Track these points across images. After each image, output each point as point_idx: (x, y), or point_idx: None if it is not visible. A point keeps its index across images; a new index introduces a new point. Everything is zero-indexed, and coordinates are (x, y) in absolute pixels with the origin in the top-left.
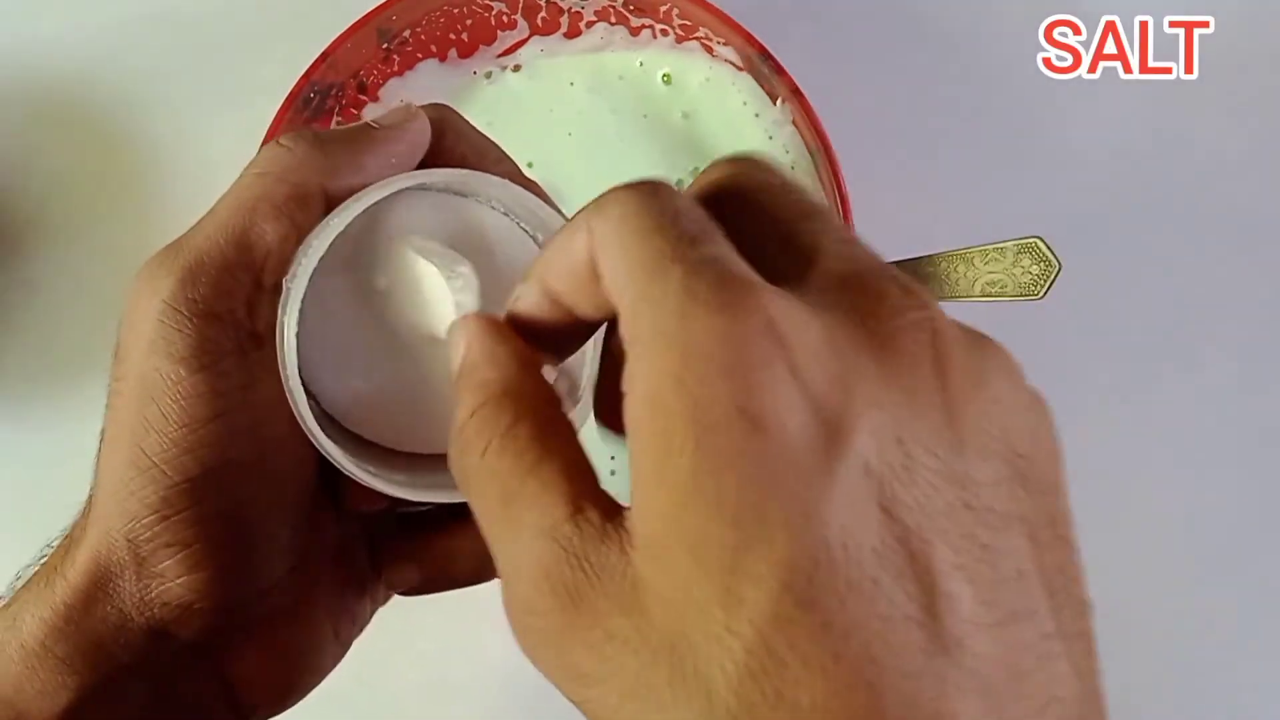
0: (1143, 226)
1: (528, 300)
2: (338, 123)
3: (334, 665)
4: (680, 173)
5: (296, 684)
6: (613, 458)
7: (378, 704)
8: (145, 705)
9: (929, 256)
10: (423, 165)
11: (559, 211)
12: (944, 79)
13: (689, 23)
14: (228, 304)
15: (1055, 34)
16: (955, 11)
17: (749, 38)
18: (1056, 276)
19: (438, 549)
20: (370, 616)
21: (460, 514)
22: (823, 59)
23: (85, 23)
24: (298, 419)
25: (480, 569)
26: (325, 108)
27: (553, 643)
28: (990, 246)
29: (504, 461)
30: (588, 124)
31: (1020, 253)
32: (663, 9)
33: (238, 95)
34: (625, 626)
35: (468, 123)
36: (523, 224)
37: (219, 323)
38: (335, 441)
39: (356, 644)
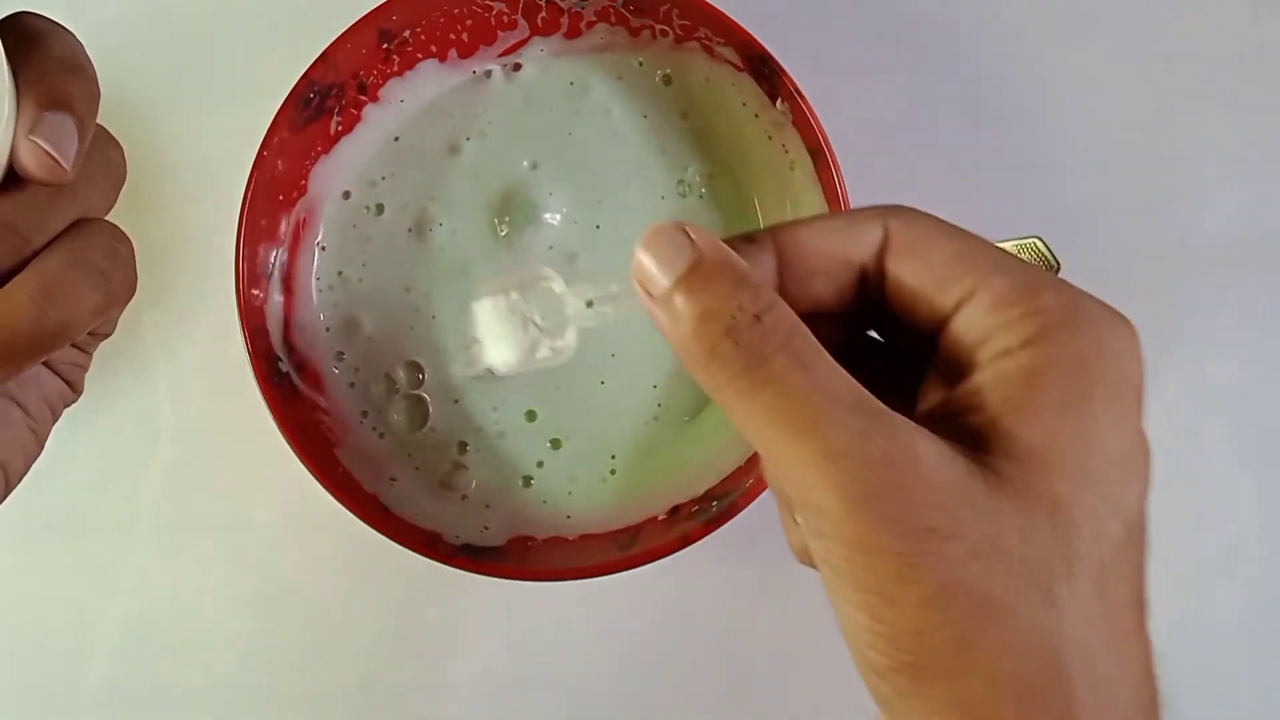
0: (1143, 226)
1: (753, 255)
2: (337, 123)
3: None
4: (680, 173)
5: None
6: (613, 456)
7: (378, 703)
8: None
9: None
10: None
11: None
12: (944, 79)
13: (689, 23)
14: None
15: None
16: (955, 11)
17: (749, 39)
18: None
19: None
20: None
21: None
22: (823, 59)
23: (84, 22)
24: None
25: (38, 321)
26: (325, 108)
27: (902, 510)
28: None
29: (796, 376)
30: (588, 124)
31: (1019, 252)
32: (663, 9)
33: (238, 95)
34: (999, 508)
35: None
36: None
37: None
38: None
39: (356, 642)
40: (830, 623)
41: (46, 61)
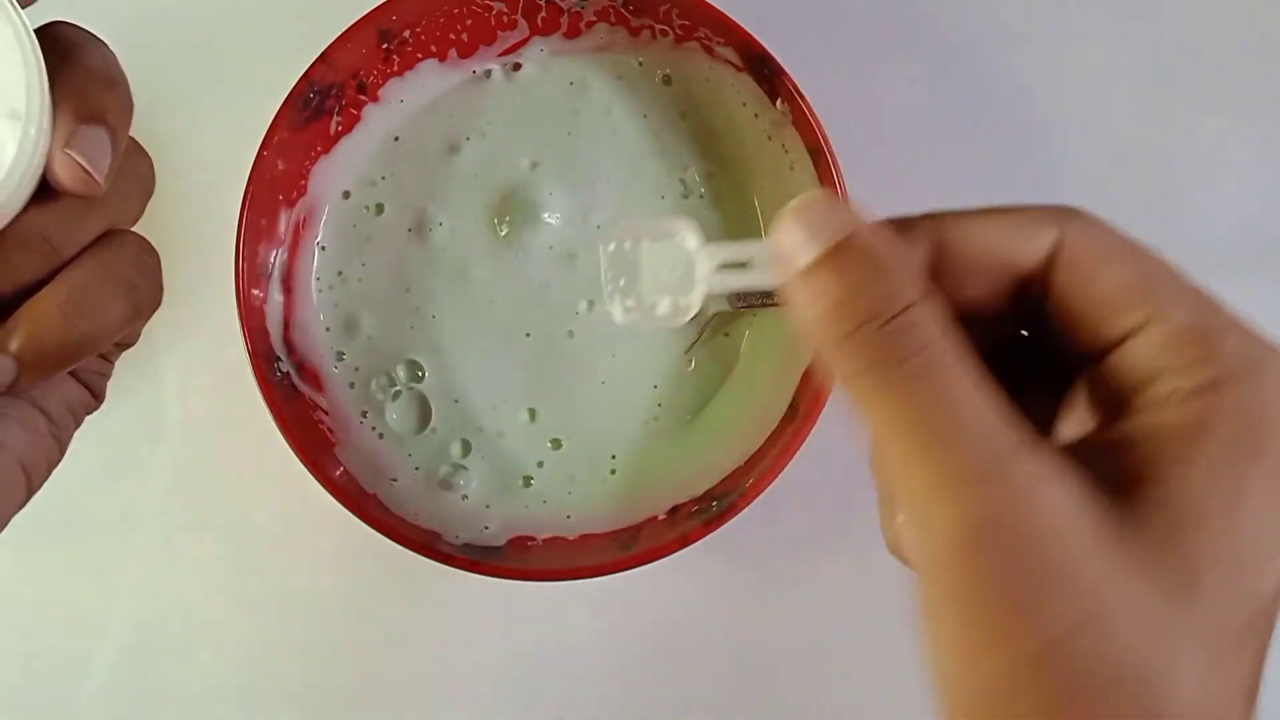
0: (1143, 227)
1: (908, 242)
2: (337, 123)
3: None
4: (680, 172)
5: None
6: (613, 456)
7: (378, 703)
8: None
9: None
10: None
11: None
12: (944, 79)
13: (689, 23)
14: None
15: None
16: (955, 11)
17: (749, 39)
18: None
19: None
20: None
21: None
22: (823, 59)
23: (84, 22)
24: None
25: (67, 330)
26: (325, 108)
27: (1012, 562)
28: None
29: (927, 386)
30: (587, 124)
31: None
32: (663, 9)
33: (238, 95)
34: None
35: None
36: None
37: None
38: None
39: (356, 642)
40: (829, 623)
41: (82, 74)
